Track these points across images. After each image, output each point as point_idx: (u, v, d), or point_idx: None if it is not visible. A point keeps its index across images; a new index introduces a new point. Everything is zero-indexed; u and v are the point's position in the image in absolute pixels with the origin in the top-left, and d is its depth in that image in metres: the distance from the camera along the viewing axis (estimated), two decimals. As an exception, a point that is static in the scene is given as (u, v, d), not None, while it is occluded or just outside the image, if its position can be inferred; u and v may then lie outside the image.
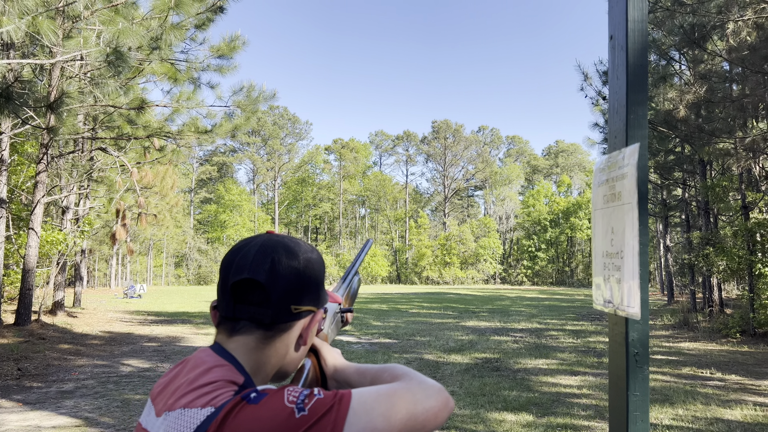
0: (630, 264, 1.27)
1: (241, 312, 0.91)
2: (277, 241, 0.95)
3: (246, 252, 0.93)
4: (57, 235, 14.50)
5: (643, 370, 1.29)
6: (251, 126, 15.47)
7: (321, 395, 0.79)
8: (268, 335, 0.92)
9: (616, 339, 1.37)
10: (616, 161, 1.36)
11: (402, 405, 0.81)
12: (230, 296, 0.92)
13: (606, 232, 1.41)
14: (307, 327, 0.96)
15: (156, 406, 0.90)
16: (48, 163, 13.34)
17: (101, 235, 26.05)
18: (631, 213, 1.26)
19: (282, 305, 0.91)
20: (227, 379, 0.85)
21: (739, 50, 12.40)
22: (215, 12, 12.78)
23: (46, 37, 9.70)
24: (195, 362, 0.91)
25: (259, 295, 0.90)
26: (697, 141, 14.92)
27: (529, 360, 10.93)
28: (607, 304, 1.42)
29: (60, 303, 17.11)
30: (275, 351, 0.94)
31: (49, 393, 7.85)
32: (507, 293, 43.01)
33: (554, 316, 21.35)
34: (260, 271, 0.90)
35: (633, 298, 1.26)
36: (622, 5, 1.35)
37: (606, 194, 1.43)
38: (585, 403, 7.48)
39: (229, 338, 0.93)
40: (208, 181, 76.29)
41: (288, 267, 0.92)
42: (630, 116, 1.30)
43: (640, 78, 1.31)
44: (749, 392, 8.21)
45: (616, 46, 1.38)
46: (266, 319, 0.91)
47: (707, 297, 19.54)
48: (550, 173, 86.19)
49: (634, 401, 1.28)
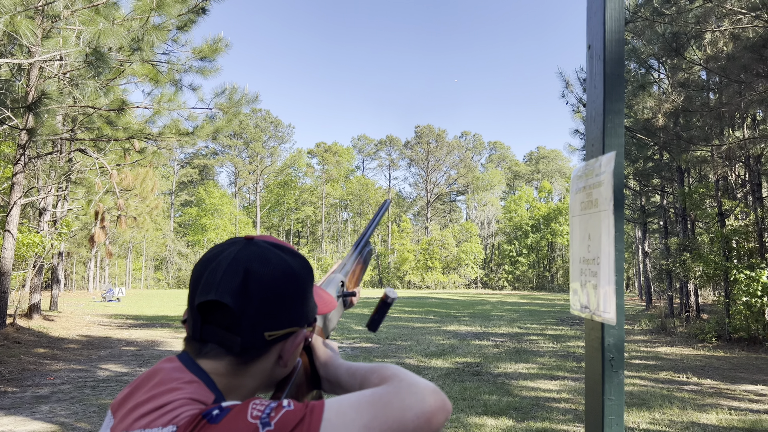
0: (606, 270, 1.28)
1: (208, 334, 0.81)
2: (253, 252, 0.83)
3: (216, 266, 0.82)
4: (34, 238, 14.27)
5: (618, 374, 1.30)
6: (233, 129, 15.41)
7: (290, 407, 0.70)
8: (239, 361, 0.82)
9: (592, 344, 1.38)
10: (593, 169, 1.38)
11: (388, 413, 0.70)
12: (197, 316, 0.82)
13: (583, 238, 1.43)
14: (287, 349, 0.86)
15: (114, 419, 0.79)
16: (25, 164, 13.13)
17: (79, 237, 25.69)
18: (607, 220, 1.28)
19: (254, 332, 0.80)
20: (194, 398, 0.75)
21: (717, 60, 12.64)
22: (197, 13, 12.71)
23: (25, 37, 9.57)
24: (162, 378, 0.79)
25: (227, 318, 0.79)
26: (675, 148, 15.16)
27: (509, 364, 10.99)
28: (583, 309, 1.44)
29: (36, 306, 16.83)
30: (250, 376, 0.84)
31: (24, 398, 7.71)
32: (488, 298, 43.21)
33: (534, 321, 21.49)
34: (229, 291, 0.79)
35: (609, 303, 1.27)
36: (600, 16, 1.37)
37: (583, 201, 1.44)
38: (564, 407, 7.53)
39: (197, 358, 0.83)
40: (189, 184, 75.66)
41: (263, 286, 0.81)
42: (607, 125, 1.32)
43: (616, 87, 1.33)
44: (725, 396, 8.33)
45: (594, 56, 1.40)
46: (235, 348, 0.80)
47: (684, 302, 19.83)
48: (531, 179, 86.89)
49: (610, 405, 1.29)
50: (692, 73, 14.83)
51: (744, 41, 11.69)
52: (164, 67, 13.45)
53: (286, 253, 0.87)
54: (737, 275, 13.84)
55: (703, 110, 13.74)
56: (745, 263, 14.76)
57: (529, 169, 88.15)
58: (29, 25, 9.64)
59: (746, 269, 13.87)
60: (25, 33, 9.55)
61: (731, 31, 11.93)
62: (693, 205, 17.53)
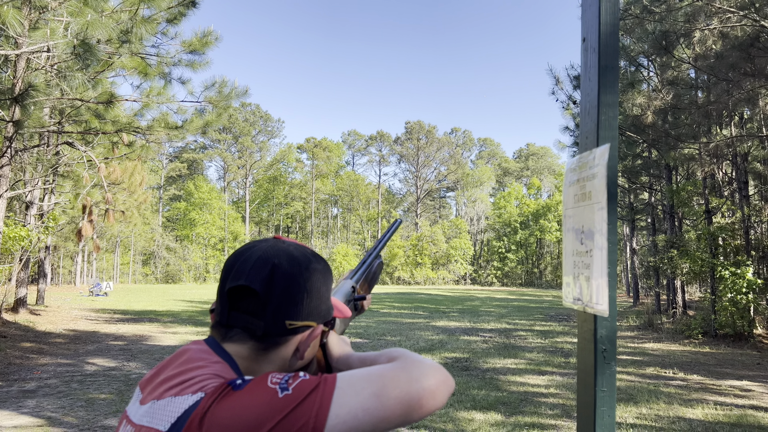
0: (599, 262, 1.29)
1: (234, 320, 0.89)
2: (282, 249, 0.92)
3: (247, 257, 0.90)
4: (20, 231, 14.13)
5: (610, 366, 1.31)
6: (223, 123, 15.31)
7: (306, 377, 0.77)
8: (260, 347, 0.89)
9: (584, 336, 1.39)
10: (586, 161, 1.38)
11: (396, 384, 0.77)
12: (226, 302, 0.89)
13: (576, 231, 1.43)
14: (304, 341, 0.92)
15: (143, 393, 0.88)
16: (12, 157, 12.98)
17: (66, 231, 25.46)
18: (600, 212, 1.29)
19: (276, 318, 0.88)
20: (219, 374, 0.82)
21: (706, 58, 12.73)
22: (187, 6, 12.62)
23: (11, 28, 9.46)
24: (190, 356, 0.87)
25: (254, 304, 0.87)
26: (664, 146, 15.26)
27: (497, 360, 11.04)
28: (576, 301, 1.44)
29: (22, 300, 16.68)
30: (269, 362, 0.91)
31: (11, 392, 7.65)
32: (477, 294, 43.36)
33: (523, 317, 21.60)
34: (258, 279, 0.87)
35: (601, 295, 1.28)
36: (595, 9, 1.37)
37: (577, 194, 1.45)
38: (552, 402, 7.58)
39: (222, 342, 0.90)
40: (177, 178, 75.17)
41: (288, 278, 0.89)
42: (601, 117, 1.33)
43: (611, 80, 1.34)
44: (710, 392, 8.43)
45: (589, 48, 1.40)
46: (258, 331, 0.88)
47: (671, 299, 20.00)
48: (521, 176, 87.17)
49: (602, 396, 1.30)
50: (681, 71, 14.93)
51: (732, 40, 11.78)
52: (153, 60, 13.34)
53: (310, 254, 0.96)
54: (723, 272, 13.98)
55: (691, 108, 13.84)
56: (731, 260, 14.91)
57: (518, 166, 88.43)
58: (16, 15, 9.53)
59: (732, 266, 14.02)
60: (12, 23, 9.44)
61: (720, 30, 12.02)
62: (681, 202, 17.67)
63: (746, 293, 13.42)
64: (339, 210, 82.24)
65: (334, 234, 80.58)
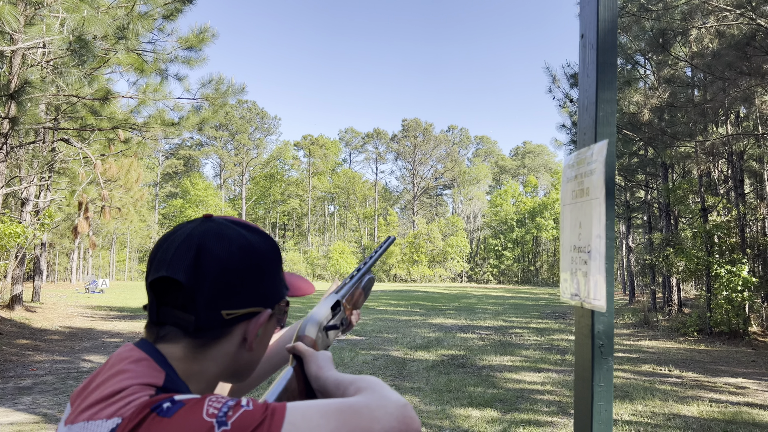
0: (597, 258, 1.29)
1: (164, 316, 0.78)
2: (209, 229, 0.79)
3: (169, 244, 0.78)
4: (16, 228, 14.08)
5: (607, 361, 1.31)
6: (219, 120, 15.29)
7: (249, 406, 0.65)
8: (196, 344, 0.78)
9: (582, 331, 1.39)
10: (584, 157, 1.39)
11: (356, 423, 0.66)
12: (153, 297, 0.78)
13: (574, 226, 1.44)
14: (250, 330, 0.81)
15: (71, 409, 0.75)
16: (7, 153, 12.94)
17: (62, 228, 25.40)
18: (598, 208, 1.29)
19: (209, 310, 0.76)
20: (143, 381, 0.71)
21: (702, 56, 12.76)
22: (184, 2, 12.57)
23: (7, 24, 9.42)
24: (112, 362, 0.76)
25: (181, 296, 0.76)
26: (660, 144, 15.29)
27: (494, 357, 11.06)
28: (573, 297, 1.45)
29: (18, 297, 16.64)
30: (211, 360, 0.79)
31: (6, 389, 7.63)
32: (473, 291, 43.41)
33: (519, 314, 21.64)
34: (181, 268, 0.75)
35: (599, 291, 1.28)
36: (593, 5, 1.37)
37: (575, 190, 1.45)
38: (548, 399, 7.60)
39: (155, 343, 0.79)
40: (173, 175, 75.00)
41: (218, 261, 0.76)
42: (599, 113, 1.33)
43: (609, 76, 1.34)
44: (705, 389, 8.46)
45: (587, 45, 1.40)
46: (189, 327, 0.76)
47: (667, 297, 20.07)
48: (517, 174, 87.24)
49: (599, 391, 1.30)
50: (678, 70, 14.95)
51: (729, 38, 11.80)
52: (150, 57, 13.31)
53: (247, 229, 0.82)
54: (719, 270, 14.02)
55: (687, 106, 13.87)
56: (726, 258, 14.96)
57: (515, 164, 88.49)
58: (12, 11, 9.49)
59: (728, 264, 14.07)
60: (8, 19, 9.40)
61: (717, 28, 12.04)
62: (676, 200, 17.72)
63: (741, 291, 13.47)
64: (336, 207, 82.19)
65: (331, 231, 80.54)
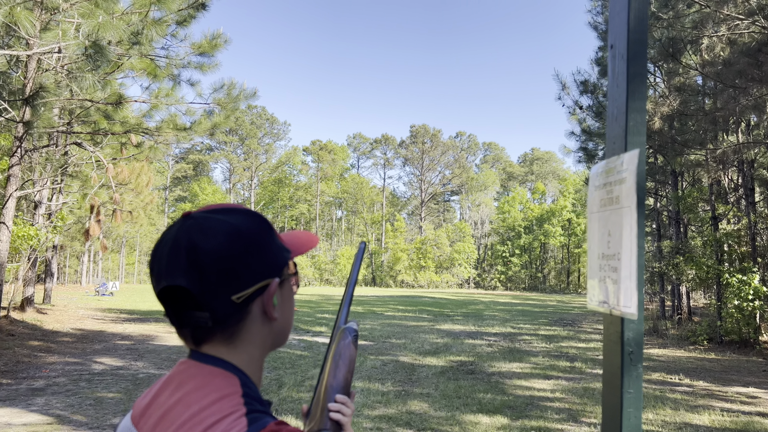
0: (627, 265, 1.31)
1: (184, 319, 0.80)
2: (190, 227, 0.78)
3: (160, 254, 0.79)
4: (28, 230, 14.20)
5: (637, 368, 1.33)
6: (230, 124, 15.37)
7: None
8: (227, 335, 0.80)
9: (611, 338, 1.41)
10: (614, 166, 1.40)
11: None
12: (166, 306, 0.81)
13: (602, 234, 1.45)
14: (267, 303, 0.82)
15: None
16: (21, 157, 13.06)
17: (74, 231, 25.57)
18: (629, 216, 1.31)
19: (220, 301, 0.77)
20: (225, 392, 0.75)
21: (713, 65, 12.73)
22: (197, 9, 12.69)
23: (23, 29, 9.54)
24: (180, 379, 0.78)
25: (189, 299, 0.78)
26: (670, 152, 15.25)
27: (503, 363, 11.04)
28: (602, 304, 1.46)
29: (29, 299, 16.75)
30: (248, 343, 0.82)
31: (20, 390, 7.69)
32: (481, 298, 43.30)
33: (527, 321, 21.57)
34: (177, 273, 0.76)
35: (630, 298, 1.30)
36: (624, 16, 1.40)
37: (603, 198, 1.47)
38: (558, 406, 7.58)
39: (199, 348, 0.81)
40: (183, 180, 75.39)
41: (209, 254, 0.76)
42: (629, 123, 1.35)
43: (639, 86, 1.36)
44: (716, 398, 8.41)
45: (617, 55, 1.42)
46: (210, 322, 0.78)
47: (676, 305, 19.96)
48: (525, 180, 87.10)
49: (629, 398, 1.32)
50: (688, 78, 14.92)
51: (740, 46, 11.77)
52: (163, 62, 13.41)
53: (227, 213, 0.82)
54: (729, 279, 13.94)
55: (698, 114, 13.83)
56: (737, 267, 14.87)
57: (523, 171, 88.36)
58: (28, 16, 9.61)
59: (738, 273, 13.98)
60: (24, 24, 9.52)
61: (728, 36, 12.02)
62: (686, 208, 17.65)
63: (752, 300, 13.38)
64: (343, 212, 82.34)
65: (339, 236, 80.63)
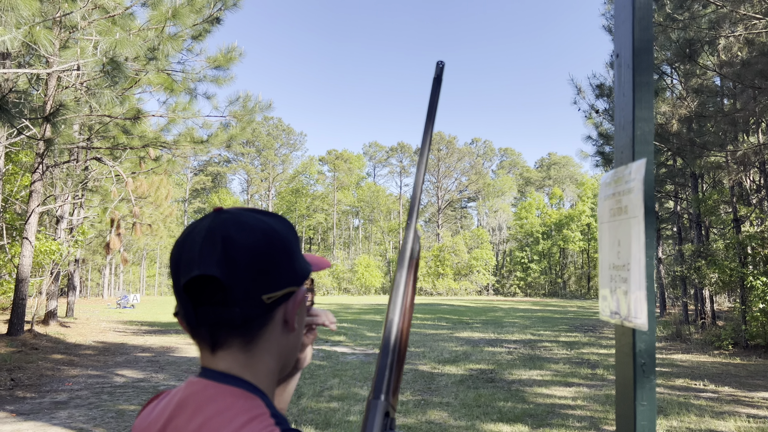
0: (636, 276, 1.30)
1: (204, 317, 0.75)
2: (226, 220, 0.76)
3: (191, 242, 0.75)
4: (51, 245, 14.43)
5: (650, 380, 1.32)
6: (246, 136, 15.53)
7: None
8: (246, 341, 0.76)
9: (623, 349, 1.40)
10: (622, 176, 1.40)
11: None
12: (187, 299, 0.75)
13: (612, 244, 1.45)
14: (290, 311, 0.80)
15: None
16: (43, 173, 13.31)
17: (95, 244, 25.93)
18: (637, 226, 1.30)
19: (251, 298, 0.74)
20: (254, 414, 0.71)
21: (731, 65, 12.58)
22: (212, 23, 12.86)
23: (43, 47, 9.72)
24: (198, 402, 0.73)
25: (219, 291, 0.73)
26: (689, 154, 15.07)
27: (523, 371, 10.94)
28: (613, 315, 1.45)
29: (53, 313, 16.99)
30: (266, 352, 0.79)
31: (43, 403, 7.79)
32: (500, 304, 43.03)
33: (547, 328, 21.37)
34: (212, 262, 0.72)
35: (640, 309, 1.29)
36: (629, 25, 1.39)
37: (612, 208, 1.46)
38: (580, 414, 7.49)
39: (214, 355, 0.77)
40: (202, 191, 76.14)
41: (246, 248, 0.74)
42: (636, 132, 1.34)
43: (646, 95, 1.35)
44: (742, 404, 8.25)
45: (623, 64, 1.42)
46: (237, 320, 0.74)
47: (699, 309, 19.64)
48: (543, 185, 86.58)
49: (642, 410, 1.30)
50: (706, 79, 14.76)
51: (759, 46, 11.63)
52: (179, 76, 13.61)
53: (262, 214, 0.81)
54: (753, 282, 13.70)
55: (717, 116, 13.66)
56: (761, 269, 14.61)
57: (540, 176, 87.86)
58: (47, 35, 9.79)
59: (762, 275, 13.74)
60: (44, 43, 9.70)
61: (745, 36, 11.87)
62: (707, 211, 17.41)
63: (778, 303, 13.13)
64: (360, 221, 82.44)
65: (356, 245, 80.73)
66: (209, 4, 12.45)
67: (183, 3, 11.75)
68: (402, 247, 0.95)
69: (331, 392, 8.65)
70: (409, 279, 0.92)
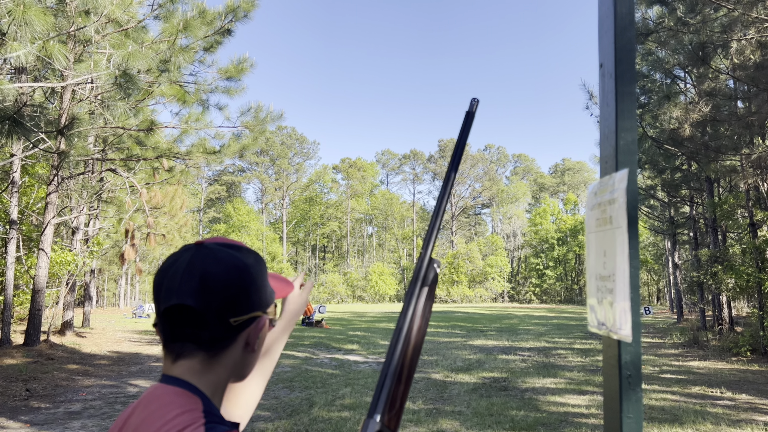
0: (621, 287, 1.29)
1: (178, 335, 0.87)
2: (205, 255, 0.88)
3: (173, 272, 0.87)
4: (67, 256, 14.60)
5: (636, 392, 1.30)
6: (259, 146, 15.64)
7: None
8: (209, 355, 0.88)
9: (609, 361, 1.39)
10: (607, 186, 1.40)
11: None
12: (164, 321, 0.88)
13: (598, 254, 1.44)
14: (253, 334, 0.92)
15: None
16: (58, 185, 13.49)
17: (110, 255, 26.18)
18: (621, 237, 1.29)
19: (219, 323, 0.86)
20: (187, 408, 0.82)
21: (745, 68, 12.46)
22: (223, 35, 13.00)
23: (57, 61, 9.89)
24: (148, 400, 0.85)
25: (193, 318, 0.85)
26: (704, 158, 14.91)
27: (536, 379, 10.85)
28: (600, 326, 1.44)
29: (69, 323, 17.17)
30: (223, 367, 0.90)
31: (57, 414, 7.86)
32: (515, 312, 42.75)
33: (562, 335, 21.19)
34: (189, 293, 0.85)
35: (624, 320, 1.28)
36: (611, 35, 1.39)
37: (598, 218, 1.46)
38: (593, 423, 7.41)
39: (174, 364, 0.88)
40: (216, 201, 76.66)
41: (221, 281, 0.86)
42: (620, 142, 1.34)
43: (628, 105, 1.35)
44: (760, 412, 8.11)
45: (606, 74, 1.42)
46: (205, 340, 0.87)
47: (717, 315, 19.38)
48: (557, 191, 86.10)
49: (628, 423, 1.29)
50: (719, 82, 14.62)
51: (772, 49, 11.51)
52: (191, 88, 13.75)
53: (236, 249, 0.93)
54: (771, 287, 13.49)
55: (731, 119, 13.52)
56: (779, 275, 14.38)
57: (554, 181, 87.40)
58: (62, 49, 9.96)
59: (781, 281, 13.52)
60: (58, 57, 9.86)
61: (758, 39, 11.76)
62: (723, 215, 17.19)
63: (797, 309, 12.92)
64: (374, 229, 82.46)
65: (370, 253, 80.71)
66: (220, 17, 12.60)
67: (194, 15, 11.90)
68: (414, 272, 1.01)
69: (342, 401, 8.64)
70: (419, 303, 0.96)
